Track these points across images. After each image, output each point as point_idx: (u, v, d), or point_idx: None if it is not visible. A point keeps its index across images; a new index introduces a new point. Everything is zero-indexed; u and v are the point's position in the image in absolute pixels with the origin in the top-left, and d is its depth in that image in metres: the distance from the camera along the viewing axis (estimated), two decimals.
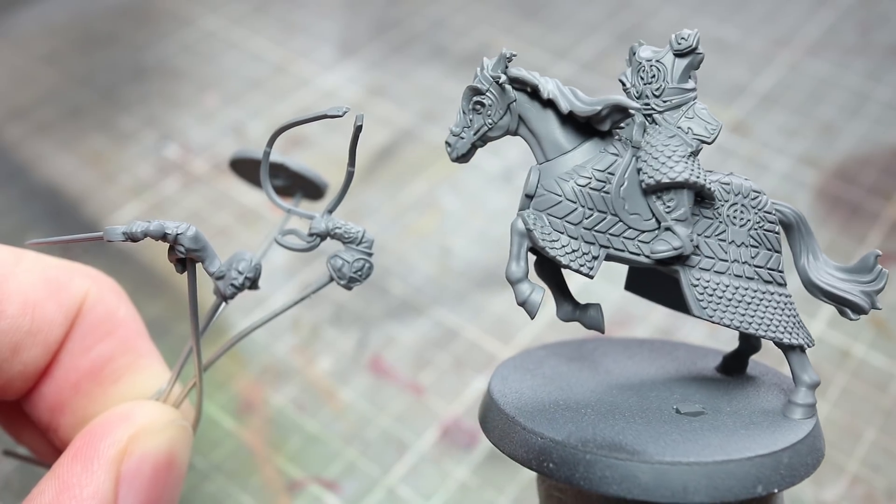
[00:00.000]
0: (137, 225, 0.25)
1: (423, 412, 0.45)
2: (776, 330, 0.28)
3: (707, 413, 0.27)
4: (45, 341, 0.30)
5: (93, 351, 0.31)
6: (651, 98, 0.27)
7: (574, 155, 0.27)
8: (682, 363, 0.31)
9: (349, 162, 0.27)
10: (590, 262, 0.27)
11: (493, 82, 0.26)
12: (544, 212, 0.26)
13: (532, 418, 0.27)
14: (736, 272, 0.27)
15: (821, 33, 0.70)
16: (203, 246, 0.26)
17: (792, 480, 0.25)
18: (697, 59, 0.27)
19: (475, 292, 0.51)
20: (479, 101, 0.27)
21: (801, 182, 0.58)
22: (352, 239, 0.28)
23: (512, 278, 0.26)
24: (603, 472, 0.24)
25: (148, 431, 0.29)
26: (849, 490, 0.42)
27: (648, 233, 0.27)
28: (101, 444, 0.28)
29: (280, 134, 0.28)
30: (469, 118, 0.27)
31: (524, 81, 0.26)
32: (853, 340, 0.48)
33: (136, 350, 0.32)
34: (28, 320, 0.29)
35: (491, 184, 0.57)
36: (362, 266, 0.28)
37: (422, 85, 0.66)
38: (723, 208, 0.27)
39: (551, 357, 0.32)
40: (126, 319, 0.32)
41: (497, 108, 0.27)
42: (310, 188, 0.36)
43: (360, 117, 0.26)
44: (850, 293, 0.28)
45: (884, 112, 0.63)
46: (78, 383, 0.31)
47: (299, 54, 0.69)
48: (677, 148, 0.27)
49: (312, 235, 0.28)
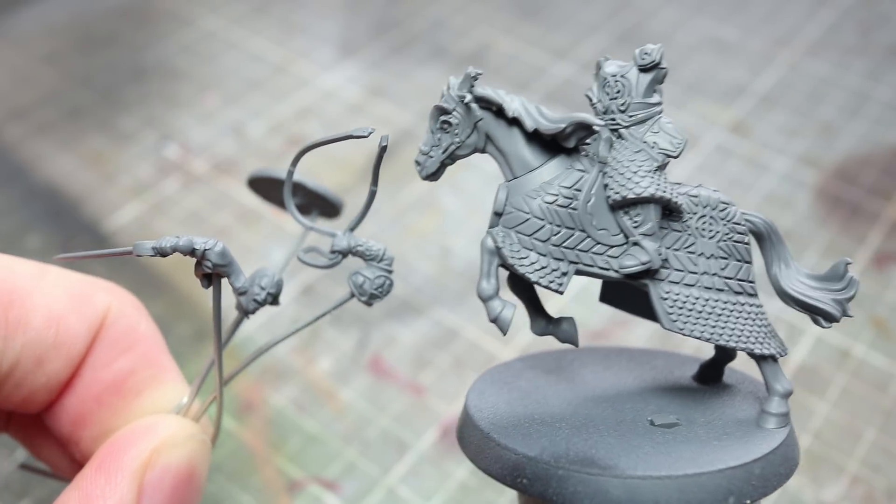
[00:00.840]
0: (167, 240, 0.26)
1: (423, 412, 0.45)
2: (747, 340, 0.28)
3: (681, 424, 0.27)
4: (69, 354, 0.30)
5: (115, 364, 0.31)
6: (616, 113, 0.27)
7: (541, 172, 0.27)
8: (659, 372, 0.31)
9: (372, 181, 0.28)
10: (559, 279, 0.27)
11: (458, 102, 0.27)
12: (513, 229, 0.27)
13: (506, 434, 0.27)
14: (706, 284, 0.27)
15: (821, 33, 0.70)
16: (230, 262, 0.27)
17: (764, 491, 0.25)
18: (661, 74, 0.27)
19: (475, 292, 0.51)
20: (446, 120, 0.27)
21: (801, 182, 0.58)
22: (373, 256, 0.29)
23: (483, 295, 0.27)
24: (575, 487, 0.24)
25: (170, 444, 0.29)
26: (849, 490, 0.42)
27: (617, 248, 0.27)
28: (125, 456, 0.28)
29: (304, 153, 0.28)
30: (437, 137, 0.27)
31: (489, 100, 0.27)
32: (853, 340, 0.48)
33: (157, 364, 0.32)
34: (52, 333, 0.29)
35: (491, 184, 0.57)
36: (383, 283, 0.29)
37: (422, 85, 0.66)
38: (691, 221, 0.27)
39: (528, 369, 0.32)
40: (147, 334, 0.32)
41: (464, 126, 0.27)
42: (326, 207, 0.36)
43: (384, 138, 0.26)
44: (821, 301, 0.28)
45: (884, 112, 0.63)
46: (100, 396, 0.31)
47: (299, 54, 0.69)
48: (643, 163, 0.27)
49: (334, 252, 0.29)
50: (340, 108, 0.64)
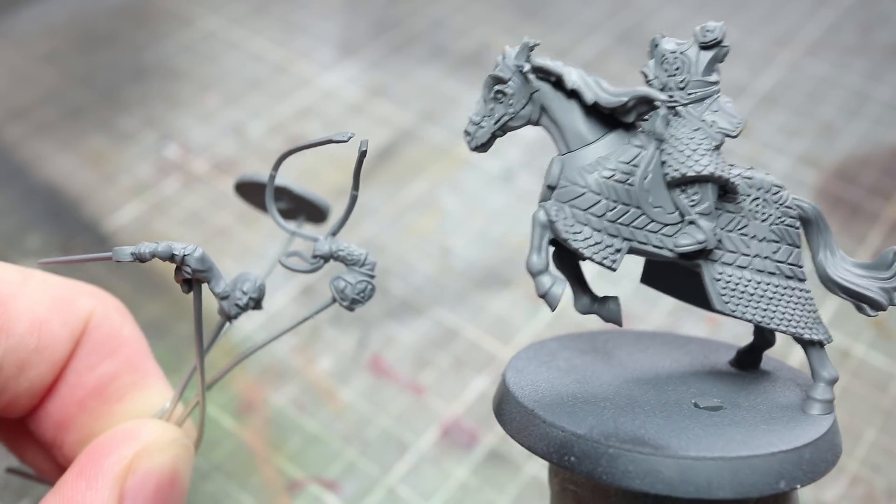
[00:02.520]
0: (146, 246, 0.26)
1: (423, 412, 0.45)
2: (797, 325, 0.28)
3: (726, 408, 0.27)
4: (51, 359, 0.30)
5: (98, 369, 0.31)
6: (675, 90, 0.27)
7: (597, 146, 0.26)
8: (695, 357, 0.31)
9: (353, 186, 0.28)
10: (613, 255, 0.26)
11: (516, 71, 0.26)
12: (567, 203, 0.26)
13: (551, 411, 0.26)
14: (758, 267, 0.27)
15: (821, 33, 0.70)
16: (209, 267, 0.27)
17: (813, 476, 0.25)
18: (722, 52, 0.27)
19: (475, 292, 0.51)
20: (500, 90, 0.26)
21: (801, 182, 0.58)
22: (355, 261, 0.29)
23: (533, 270, 0.26)
24: (626, 466, 0.24)
25: (152, 449, 0.29)
26: (849, 490, 0.42)
27: (672, 226, 0.27)
28: (106, 461, 0.28)
29: (285, 158, 0.28)
30: (490, 107, 0.26)
31: (548, 71, 0.26)
32: (853, 340, 0.48)
33: (140, 369, 0.32)
34: (35, 339, 0.29)
35: (491, 184, 0.57)
36: (364, 288, 0.29)
37: (422, 85, 0.66)
38: (745, 203, 0.27)
39: (564, 349, 0.31)
40: (130, 338, 0.32)
41: (519, 97, 0.26)
42: (312, 211, 0.36)
43: (364, 143, 0.26)
44: (868, 289, 0.28)
45: (884, 112, 0.63)
46: (83, 401, 0.31)
47: (299, 54, 0.69)
48: (702, 141, 0.26)
49: (316, 257, 0.29)
50: (340, 108, 0.64)
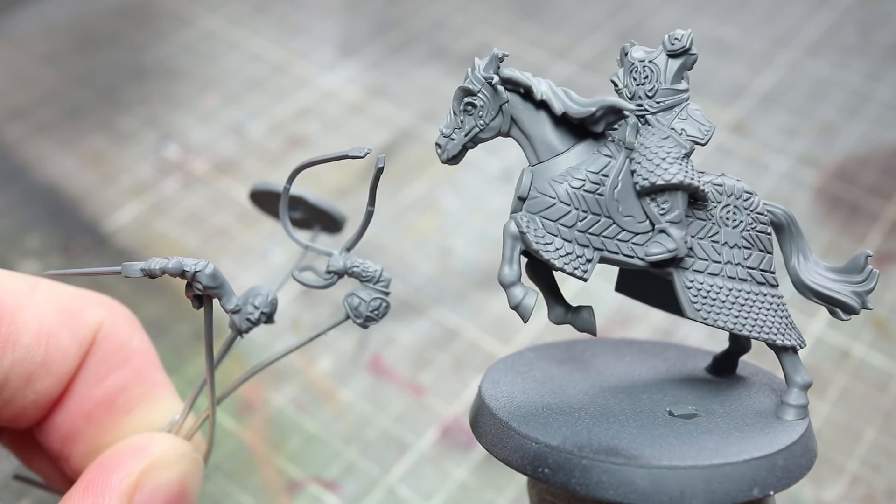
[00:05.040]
0: (156, 262, 0.26)
1: (423, 412, 0.45)
2: (769, 331, 0.28)
3: (700, 415, 0.27)
4: (59, 371, 0.29)
5: (106, 381, 0.31)
6: (644, 99, 0.27)
7: (567, 157, 0.26)
8: (672, 364, 0.31)
9: (369, 202, 0.27)
10: (584, 265, 0.26)
11: (485, 83, 0.26)
12: (537, 214, 0.26)
13: (526, 423, 0.26)
14: (729, 274, 0.27)
15: (821, 33, 0.70)
16: (220, 283, 0.26)
17: (787, 482, 0.25)
18: (691, 60, 0.27)
19: (475, 292, 0.51)
20: (470, 101, 0.26)
21: (801, 182, 0.58)
22: (369, 278, 0.28)
23: (504, 282, 0.26)
24: (599, 476, 0.24)
25: (160, 465, 0.28)
26: (848, 490, 0.42)
27: (642, 235, 0.27)
28: (114, 476, 0.28)
29: (300, 171, 0.28)
30: (460, 119, 0.26)
31: (517, 82, 0.26)
32: (853, 340, 0.48)
33: (149, 381, 0.31)
34: (42, 350, 0.29)
35: (491, 184, 0.57)
36: (379, 305, 0.28)
37: (422, 85, 0.66)
38: (715, 210, 0.27)
39: (541, 359, 0.31)
40: (140, 350, 0.31)
41: (489, 109, 0.26)
42: (328, 222, 0.36)
43: (381, 159, 0.26)
44: (840, 293, 0.28)
45: (884, 112, 0.63)
46: (90, 413, 0.30)
47: (299, 54, 0.69)
48: (671, 149, 0.26)
49: (330, 273, 0.28)
50: (340, 108, 0.64)
